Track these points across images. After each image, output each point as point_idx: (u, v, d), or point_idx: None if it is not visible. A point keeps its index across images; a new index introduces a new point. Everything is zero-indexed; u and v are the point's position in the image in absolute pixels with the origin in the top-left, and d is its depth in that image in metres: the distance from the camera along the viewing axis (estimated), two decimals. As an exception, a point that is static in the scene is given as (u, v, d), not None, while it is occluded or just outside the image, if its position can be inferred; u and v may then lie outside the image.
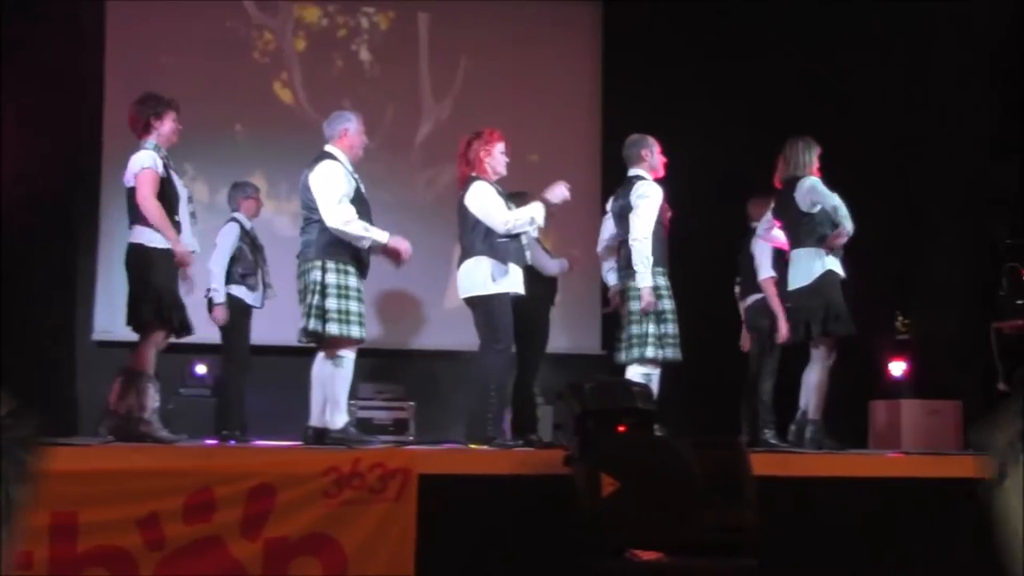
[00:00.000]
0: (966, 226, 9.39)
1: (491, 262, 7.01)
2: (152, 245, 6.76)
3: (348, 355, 6.82)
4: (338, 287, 6.73)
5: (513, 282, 7.07)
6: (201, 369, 9.37)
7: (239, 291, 8.42)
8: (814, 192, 7.44)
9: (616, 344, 7.64)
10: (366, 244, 6.84)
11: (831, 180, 7.65)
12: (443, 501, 5.52)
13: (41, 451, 3.06)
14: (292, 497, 5.26)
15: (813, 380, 7.49)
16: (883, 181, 7.79)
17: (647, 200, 7.41)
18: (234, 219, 8.59)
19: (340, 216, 6.73)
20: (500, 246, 7.04)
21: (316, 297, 6.69)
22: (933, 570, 6.08)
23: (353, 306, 6.76)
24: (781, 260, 7.89)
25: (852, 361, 7.81)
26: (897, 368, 9.36)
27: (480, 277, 7.02)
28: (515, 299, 7.11)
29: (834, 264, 7.45)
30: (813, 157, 7.61)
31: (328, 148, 7.03)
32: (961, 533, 6.10)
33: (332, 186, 6.80)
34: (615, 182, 7.96)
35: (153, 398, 6.72)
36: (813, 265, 7.40)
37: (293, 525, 5.25)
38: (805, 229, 7.46)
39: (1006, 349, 8.40)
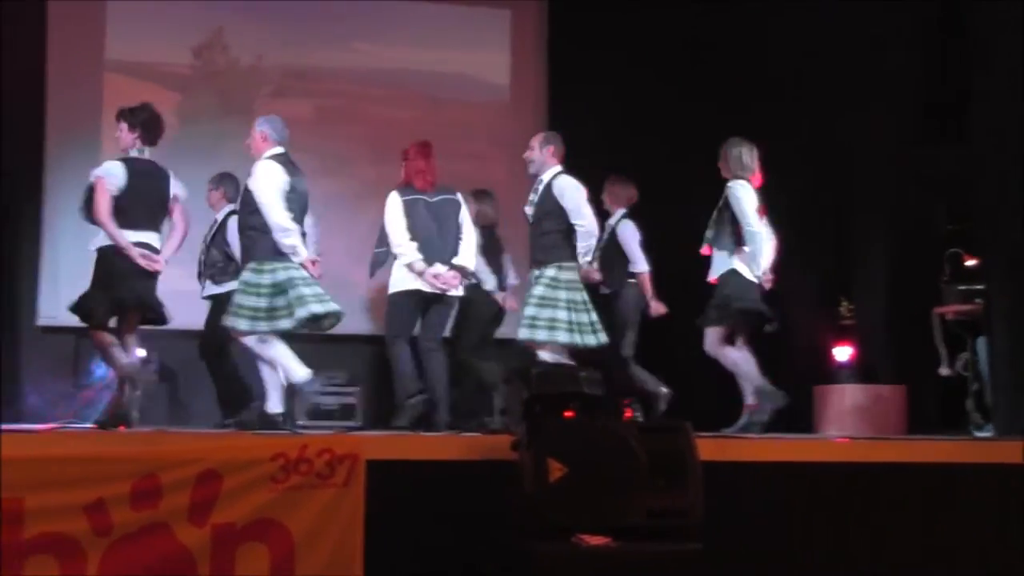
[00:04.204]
0: (904, 211, 9.47)
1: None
2: None
3: None
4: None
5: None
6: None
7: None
8: (737, 202, 7.57)
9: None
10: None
11: (775, 168, 7.74)
12: (391, 486, 5.52)
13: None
14: (238, 483, 5.23)
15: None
16: (823, 164, 7.86)
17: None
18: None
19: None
20: None
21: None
22: (876, 555, 6.13)
23: None
24: None
25: (797, 346, 7.88)
26: (842, 353, 9.38)
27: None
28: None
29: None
30: (753, 159, 7.70)
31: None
32: (905, 518, 6.19)
33: None
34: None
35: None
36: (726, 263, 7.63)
37: (240, 511, 5.22)
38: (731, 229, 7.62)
39: (948, 334, 8.52)
